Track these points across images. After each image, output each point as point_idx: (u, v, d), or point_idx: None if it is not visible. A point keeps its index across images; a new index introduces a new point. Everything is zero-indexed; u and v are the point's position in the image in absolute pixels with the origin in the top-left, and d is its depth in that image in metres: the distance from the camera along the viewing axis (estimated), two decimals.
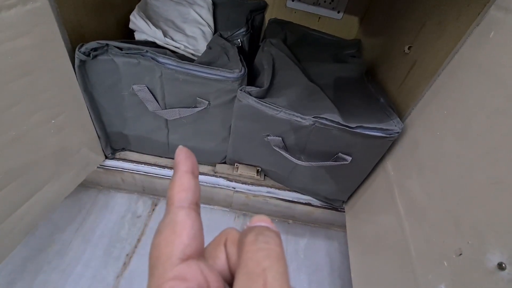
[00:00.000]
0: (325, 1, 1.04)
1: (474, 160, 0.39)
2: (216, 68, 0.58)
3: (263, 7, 0.91)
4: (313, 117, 0.58)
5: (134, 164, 0.78)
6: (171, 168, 0.78)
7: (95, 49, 0.56)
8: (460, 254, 0.36)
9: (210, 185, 0.79)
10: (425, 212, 0.46)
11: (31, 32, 0.45)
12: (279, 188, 0.80)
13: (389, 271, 0.52)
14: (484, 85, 0.40)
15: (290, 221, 0.88)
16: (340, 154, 0.62)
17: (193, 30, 0.77)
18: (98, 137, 0.70)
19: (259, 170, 0.79)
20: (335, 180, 0.71)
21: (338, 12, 1.06)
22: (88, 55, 0.55)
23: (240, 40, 0.77)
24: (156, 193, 0.85)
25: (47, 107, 0.53)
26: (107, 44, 0.56)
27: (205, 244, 0.14)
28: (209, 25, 0.80)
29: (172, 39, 0.71)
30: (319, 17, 1.08)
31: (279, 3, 1.06)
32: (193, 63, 0.58)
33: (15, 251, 0.56)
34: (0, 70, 0.43)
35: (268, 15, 0.97)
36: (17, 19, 0.43)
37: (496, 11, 0.41)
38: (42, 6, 0.46)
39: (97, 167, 0.75)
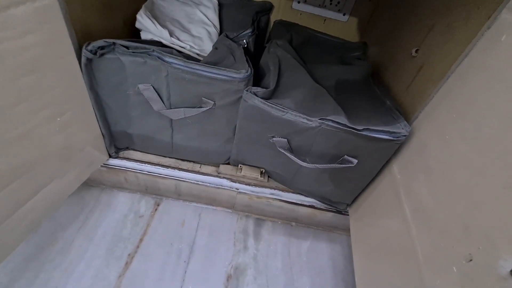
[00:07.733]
0: (331, 3, 1.04)
1: (484, 164, 0.39)
2: (223, 68, 0.58)
3: (269, 9, 0.90)
4: (319, 119, 0.57)
5: (138, 163, 0.77)
6: (174, 168, 0.78)
7: (102, 48, 0.56)
8: (471, 260, 0.36)
9: (213, 185, 0.78)
10: (433, 216, 0.46)
11: (39, 29, 0.45)
12: (282, 190, 0.79)
13: (395, 276, 0.51)
14: (496, 88, 0.40)
15: (293, 224, 0.88)
16: (346, 156, 0.61)
17: (199, 30, 0.77)
18: (103, 135, 0.70)
19: (263, 171, 0.79)
20: (340, 183, 0.70)
21: (344, 15, 1.06)
22: (95, 53, 0.55)
23: (246, 41, 0.77)
24: (158, 192, 0.84)
25: (53, 104, 0.53)
26: (114, 43, 0.56)
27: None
28: (214, 26, 0.80)
29: (178, 39, 0.71)
30: (325, 19, 1.08)
31: (285, 5, 1.06)
32: (200, 63, 0.58)
33: (17, 249, 0.56)
34: (9, 66, 0.43)
35: (274, 17, 0.97)
36: (26, 16, 0.43)
37: (509, 14, 0.41)
38: (50, 3, 0.46)
39: (101, 166, 0.75)
